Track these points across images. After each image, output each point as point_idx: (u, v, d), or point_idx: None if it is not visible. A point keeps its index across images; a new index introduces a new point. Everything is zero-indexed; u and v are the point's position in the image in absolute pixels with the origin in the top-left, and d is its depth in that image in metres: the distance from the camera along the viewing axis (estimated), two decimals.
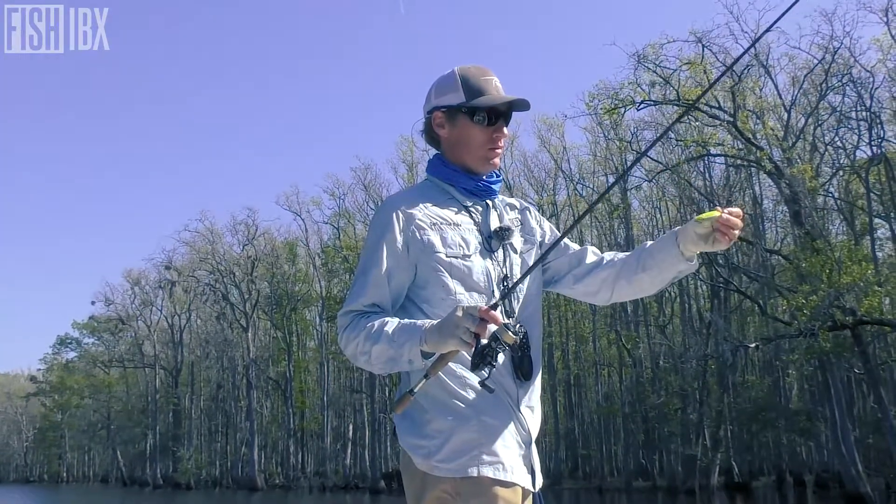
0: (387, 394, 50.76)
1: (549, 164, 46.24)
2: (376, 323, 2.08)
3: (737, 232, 2.07)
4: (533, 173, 47.44)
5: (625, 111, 26.79)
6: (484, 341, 1.94)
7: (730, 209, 2.06)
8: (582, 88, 72.06)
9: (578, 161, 46.59)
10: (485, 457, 2.05)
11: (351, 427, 53.58)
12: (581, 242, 2.52)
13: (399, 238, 2.16)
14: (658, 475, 43.07)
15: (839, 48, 29.00)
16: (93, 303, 66.99)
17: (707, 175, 37.74)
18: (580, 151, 46.58)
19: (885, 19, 28.66)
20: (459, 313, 1.91)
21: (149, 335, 64.52)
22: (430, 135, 2.36)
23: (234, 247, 57.67)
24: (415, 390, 2.03)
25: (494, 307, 1.95)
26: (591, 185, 45.97)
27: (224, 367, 59.31)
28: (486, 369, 1.95)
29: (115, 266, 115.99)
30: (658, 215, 46.33)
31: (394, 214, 2.18)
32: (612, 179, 43.76)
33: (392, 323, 2.07)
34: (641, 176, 35.86)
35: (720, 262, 28.53)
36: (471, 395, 2.11)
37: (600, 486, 42.18)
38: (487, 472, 2.03)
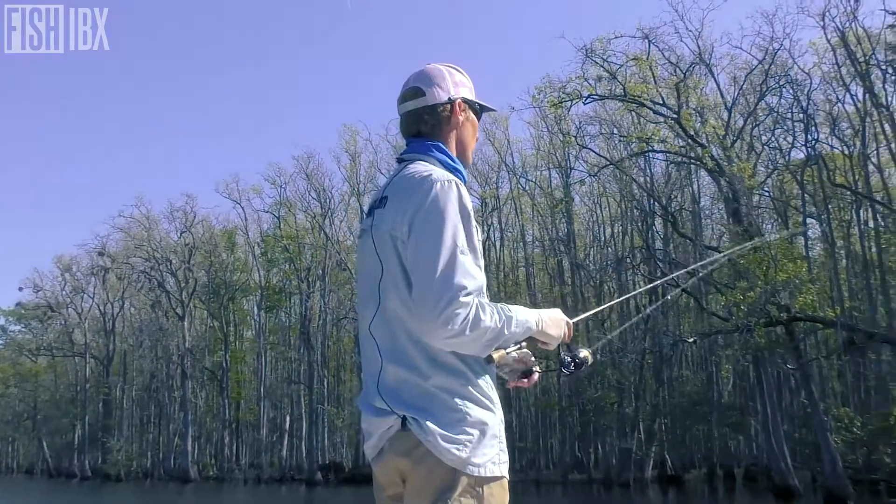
0: (325, 385, 50.32)
1: (493, 157, 46.31)
2: (505, 308, 2.15)
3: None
4: (476, 166, 47.45)
5: (571, 105, 26.92)
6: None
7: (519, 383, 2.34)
8: (529, 82, 72.25)
9: (522, 155, 46.80)
10: (504, 456, 2.12)
11: (288, 418, 52.99)
12: (523, 237, 2.51)
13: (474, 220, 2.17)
14: (593, 468, 43.56)
15: (779, 50, 29.62)
16: (20, 289, 65.04)
17: (648, 172, 38.19)
18: (524, 145, 46.80)
19: (821, 23, 29.36)
20: (563, 315, 2.28)
21: (79, 323, 62.68)
22: (437, 119, 2.32)
23: (170, 234, 56.59)
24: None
25: None
26: (534, 179, 46.19)
27: (158, 357, 58.02)
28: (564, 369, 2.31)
29: (45, 253, 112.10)
30: (599, 210, 46.79)
31: (466, 196, 2.17)
32: (555, 173, 44.07)
33: (513, 308, 2.17)
34: (585, 171, 36.12)
35: (659, 257, 28.86)
36: (494, 393, 2.17)
37: (537, 478, 42.46)
38: (506, 472, 2.11)
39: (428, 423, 2.05)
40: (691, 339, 26.82)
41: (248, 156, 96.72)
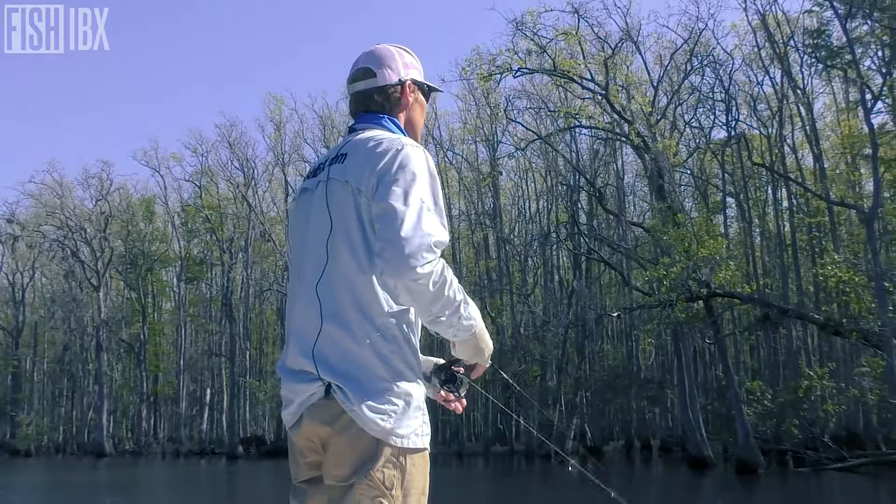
0: (247, 358, 49.58)
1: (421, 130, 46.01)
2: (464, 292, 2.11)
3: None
4: None
5: (501, 78, 26.84)
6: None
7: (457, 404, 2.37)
8: (457, 55, 72.00)
9: (449, 128, 46.69)
10: (427, 428, 2.08)
11: (208, 391, 52.10)
12: (449, 211, 2.39)
13: None
14: (515, 440, 44.17)
15: (703, 30, 30.13)
16: None
17: (574, 148, 38.56)
18: (451, 119, 46.69)
19: (743, 5, 29.97)
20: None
21: None
22: (387, 100, 2.31)
23: (85, 201, 54.55)
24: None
25: None
26: (461, 153, 46.17)
27: (72, 329, 56.15)
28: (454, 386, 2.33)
29: None
30: (525, 186, 47.11)
31: (432, 161, 2.16)
32: (482, 147, 44.16)
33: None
34: (512, 145, 36.22)
35: (585, 232, 29.21)
36: (420, 365, 2.14)
37: (459, 450, 42.85)
38: (428, 444, 2.08)
39: (354, 391, 2.00)
40: (615, 314, 27.32)
41: (167, 122, 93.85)
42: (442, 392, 2.33)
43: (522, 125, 34.52)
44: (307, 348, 2.07)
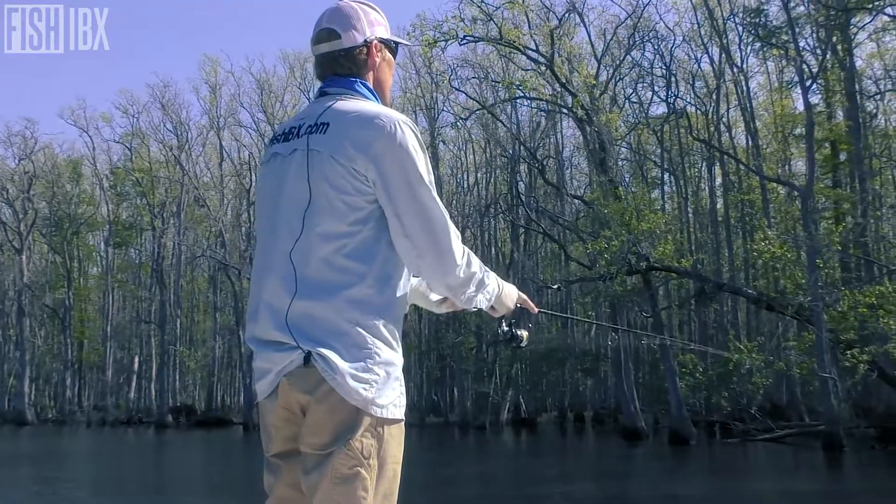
0: (178, 325, 48.53)
1: None
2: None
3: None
4: None
5: (446, 46, 26.48)
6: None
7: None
8: (401, 21, 70.83)
9: (389, 96, 46.07)
10: (403, 399, 2.08)
11: (137, 359, 50.89)
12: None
13: None
14: (450, 412, 44.41)
15: (647, 5, 30.25)
16: None
17: (515, 119, 38.47)
18: (391, 87, 46.05)
19: None
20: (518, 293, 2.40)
21: None
22: (353, 62, 2.22)
23: (7, 160, 52.41)
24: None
25: None
26: None
27: None
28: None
29: None
30: (464, 157, 46.93)
31: (420, 136, 2.12)
32: (422, 117, 43.74)
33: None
34: (452, 115, 35.95)
35: (525, 204, 29.20)
36: (400, 334, 2.12)
37: None
38: (404, 414, 2.08)
39: (336, 360, 1.97)
40: (555, 286, 27.42)
41: (96, 81, 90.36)
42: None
43: (466, 94, 34.29)
44: (280, 319, 2.02)
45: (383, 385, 2.01)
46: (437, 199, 2.05)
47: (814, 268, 22.91)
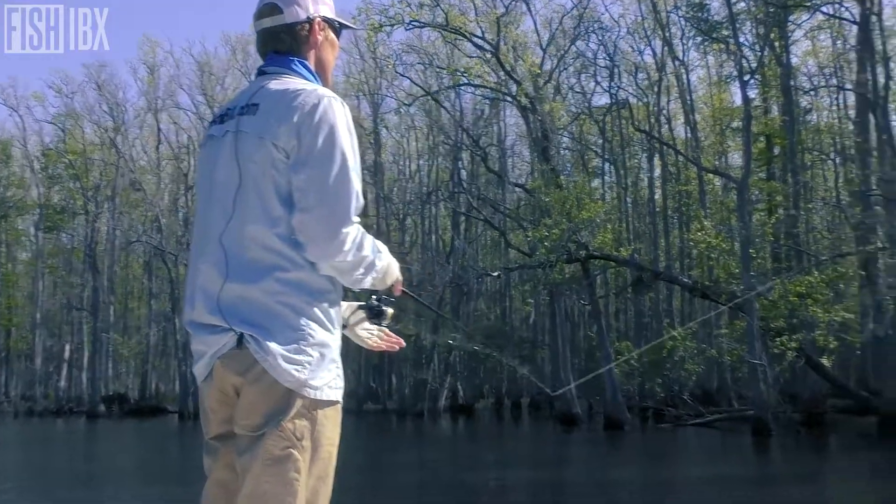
0: (112, 312, 47.41)
1: None
2: (377, 241, 2.14)
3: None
4: None
5: (392, 31, 26.26)
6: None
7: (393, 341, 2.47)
8: (345, 5, 70.23)
9: (331, 81, 45.61)
10: (340, 381, 2.07)
11: (68, 347, 49.54)
12: None
13: None
14: (388, 398, 44.40)
15: None
16: None
17: (458, 106, 38.46)
18: (334, 70, 45.54)
19: None
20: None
21: None
22: (295, 38, 2.19)
23: None
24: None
25: None
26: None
27: None
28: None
29: None
30: (406, 144, 46.77)
31: (350, 115, 2.10)
32: (364, 103, 43.45)
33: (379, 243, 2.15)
34: (396, 101, 35.76)
35: (467, 190, 29.24)
36: (336, 315, 2.10)
37: None
38: (341, 396, 2.07)
39: (268, 341, 1.95)
40: (496, 273, 27.57)
41: (28, 59, 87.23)
42: (370, 338, 2.41)
43: (410, 80, 34.11)
44: (213, 302, 2.01)
45: (317, 367, 1.99)
46: (353, 180, 2.01)
47: (747, 258, 23.49)
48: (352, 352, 46.22)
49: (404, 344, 2.47)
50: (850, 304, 27.34)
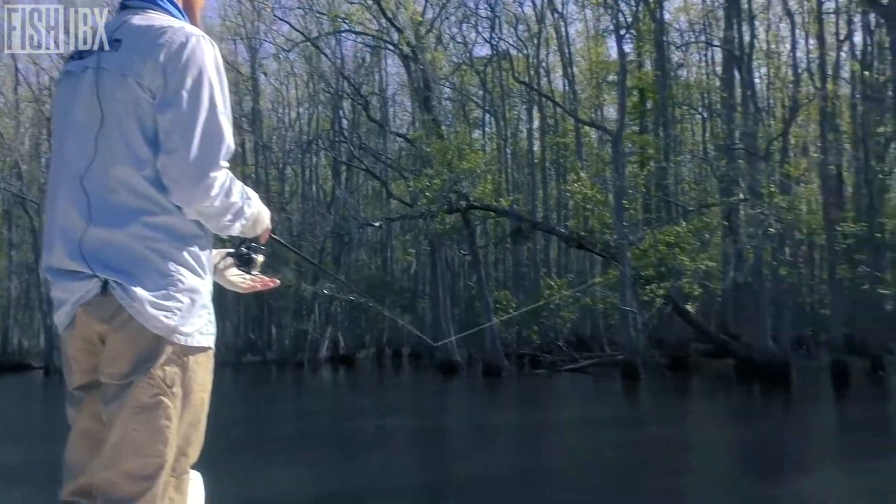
0: None
1: None
2: (246, 188, 2.08)
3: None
4: None
5: None
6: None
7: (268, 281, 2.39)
8: None
9: (207, 24, 43.56)
10: (212, 328, 2.03)
11: None
12: None
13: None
14: (268, 350, 43.89)
15: None
16: None
17: (339, 54, 37.69)
18: (209, 13, 43.65)
19: None
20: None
21: None
22: None
23: None
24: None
25: None
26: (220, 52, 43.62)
27: None
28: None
29: None
30: (285, 91, 45.58)
31: (220, 55, 2.02)
32: (242, 47, 41.97)
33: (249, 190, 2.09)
34: (274, 46, 34.70)
35: (348, 139, 28.83)
36: (208, 260, 2.06)
37: None
38: (213, 343, 2.04)
39: (134, 287, 1.90)
40: (377, 224, 27.44)
41: None
42: (242, 282, 2.35)
43: (290, 25, 33.09)
44: (74, 247, 1.92)
45: (188, 312, 1.94)
46: (222, 124, 1.95)
47: (620, 208, 24.29)
48: (230, 303, 45.32)
49: (278, 283, 2.41)
50: (713, 253, 28.85)
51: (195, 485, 2.11)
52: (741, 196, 22.12)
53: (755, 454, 11.05)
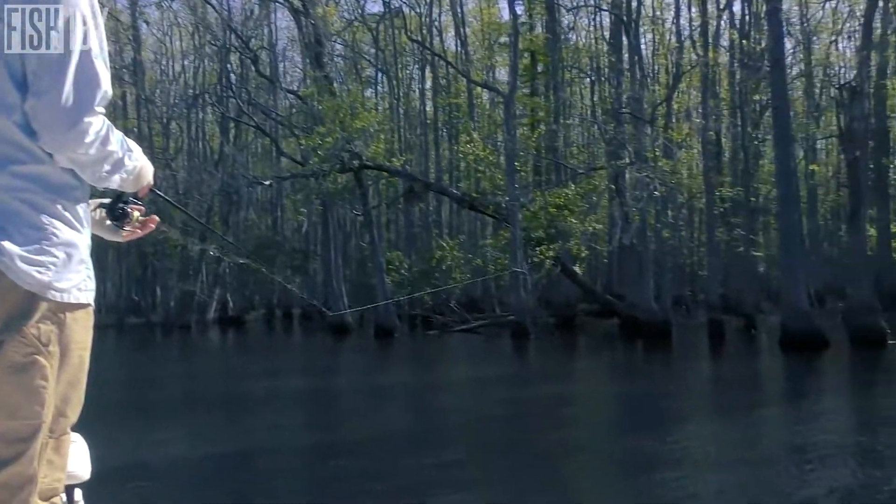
0: None
1: None
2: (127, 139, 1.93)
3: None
4: None
5: None
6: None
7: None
8: None
9: None
10: (91, 283, 1.89)
11: None
12: None
13: None
14: (152, 311, 42.67)
15: None
16: None
17: (226, 6, 36.31)
18: None
19: None
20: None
21: None
22: None
23: None
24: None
25: None
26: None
27: None
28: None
29: None
30: (169, 42, 43.73)
31: None
32: None
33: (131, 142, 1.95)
34: None
35: (238, 94, 27.95)
36: (85, 213, 1.93)
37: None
38: (92, 299, 1.90)
39: (3, 242, 1.74)
40: (268, 182, 26.77)
41: None
42: (122, 231, 2.22)
43: None
44: None
45: (63, 268, 1.81)
46: (97, 66, 1.82)
47: (512, 170, 24.55)
48: (111, 263, 43.65)
49: (157, 219, 2.24)
50: (600, 216, 29.65)
51: (77, 447, 2.04)
52: (628, 160, 22.72)
53: (638, 408, 11.50)
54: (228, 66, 37.65)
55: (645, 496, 6.32)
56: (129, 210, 2.16)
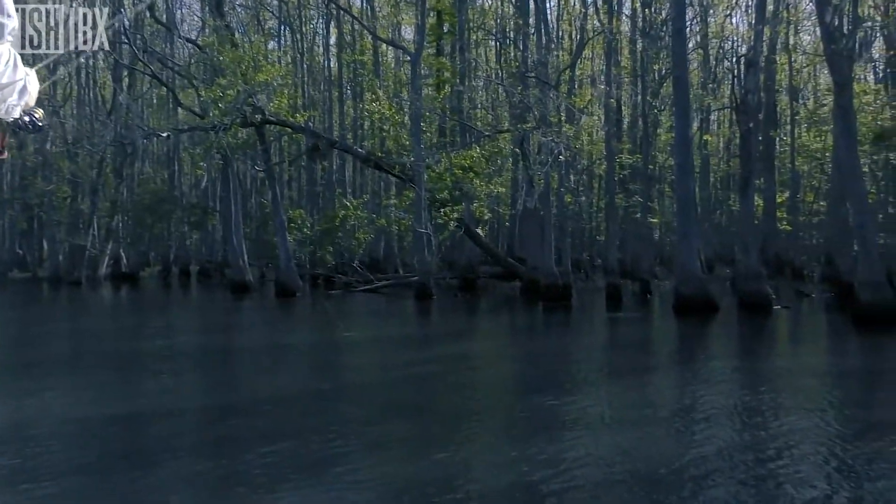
0: None
1: None
2: None
3: None
4: None
5: None
6: None
7: None
8: None
9: None
10: None
11: None
12: None
13: None
14: (39, 266, 40.85)
15: None
16: None
17: None
18: None
19: None
20: None
21: None
22: None
23: None
24: None
25: None
26: None
27: None
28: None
29: None
30: None
31: None
32: None
33: None
34: None
35: (133, 41, 26.65)
36: None
37: None
38: None
39: None
40: (164, 134, 25.73)
41: None
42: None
43: None
44: None
45: None
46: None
47: (417, 131, 24.38)
48: None
49: (6, 155, 2.33)
50: (504, 178, 29.85)
51: None
52: (533, 123, 22.88)
53: (538, 370, 11.71)
54: (122, 10, 35.82)
55: (543, 455, 6.43)
56: (34, 115, 2.35)
